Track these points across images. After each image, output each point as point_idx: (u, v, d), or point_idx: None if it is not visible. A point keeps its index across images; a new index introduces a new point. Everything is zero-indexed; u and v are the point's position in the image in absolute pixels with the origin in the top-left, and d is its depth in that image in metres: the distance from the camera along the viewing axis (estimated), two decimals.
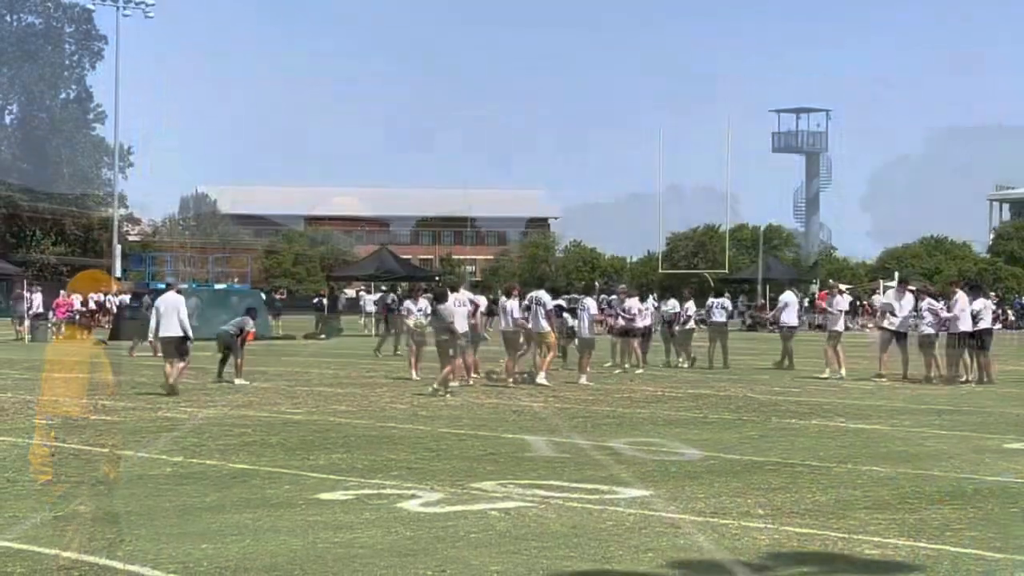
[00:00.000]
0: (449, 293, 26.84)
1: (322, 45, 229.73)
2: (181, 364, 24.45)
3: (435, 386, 23.86)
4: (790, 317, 33.61)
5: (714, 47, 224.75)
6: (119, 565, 9.38)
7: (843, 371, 29.42)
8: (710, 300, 35.84)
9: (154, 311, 25.34)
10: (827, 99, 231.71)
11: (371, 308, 62.79)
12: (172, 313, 24.56)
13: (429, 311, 27.16)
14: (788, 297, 34.38)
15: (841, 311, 31.55)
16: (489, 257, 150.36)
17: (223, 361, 27.59)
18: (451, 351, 24.26)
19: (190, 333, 24.79)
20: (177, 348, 24.46)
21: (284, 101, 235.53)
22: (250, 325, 27.96)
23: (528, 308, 27.57)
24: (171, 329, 24.48)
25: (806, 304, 33.23)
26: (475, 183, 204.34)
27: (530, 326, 27.33)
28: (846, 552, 10.00)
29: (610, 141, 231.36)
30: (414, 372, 27.97)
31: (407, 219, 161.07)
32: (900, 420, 20.05)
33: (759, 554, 9.88)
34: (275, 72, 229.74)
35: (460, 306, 26.62)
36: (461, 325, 26.40)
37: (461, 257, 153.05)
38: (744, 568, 9.40)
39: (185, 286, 50.55)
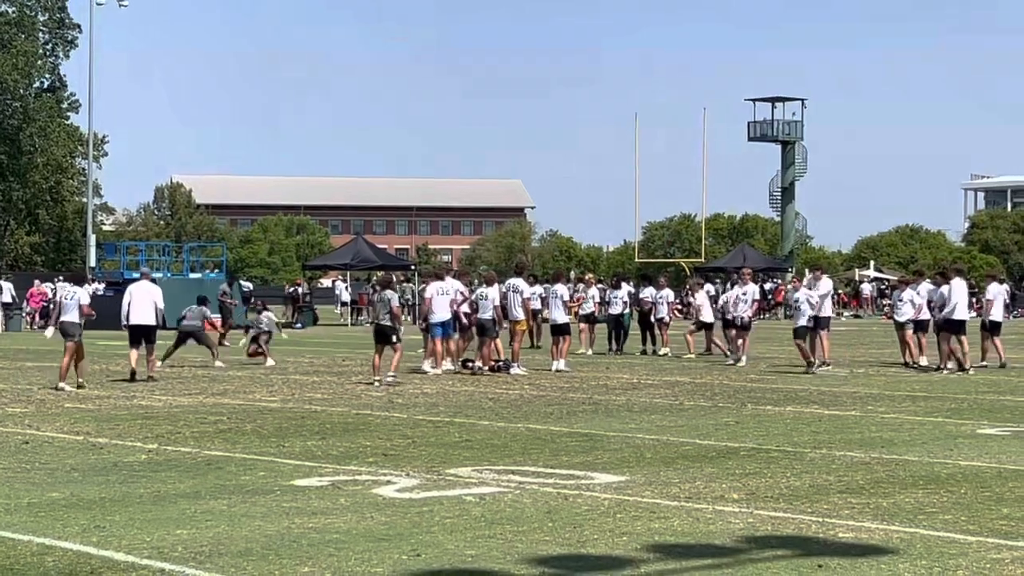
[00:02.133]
0: (435, 282, 26.93)
1: (297, 31, 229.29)
2: (151, 353, 24.57)
3: (381, 377, 23.55)
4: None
5: (689, 35, 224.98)
6: (93, 551, 9.35)
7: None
8: (734, 291, 34.66)
9: (126, 297, 25.36)
10: (802, 88, 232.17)
11: (346, 297, 62.87)
12: (146, 301, 24.55)
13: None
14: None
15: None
16: (465, 246, 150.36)
17: (176, 347, 28.36)
18: (394, 337, 24.07)
19: (165, 322, 24.80)
20: (147, 336, 24.49)
21: (259, 89, 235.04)
22: (208, 314, 29.01)
23: (504, 296, 27.55)
24: (144, 317, 24.47)
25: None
26: (451, 172, 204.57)
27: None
28: (820, 536, 10.04)
29: (584, 130, 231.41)
30: (427, 363, 27.07)
31: (382, 208, 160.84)
32: (875, 406, 20.12)
33: (734, 538, 9.91)
34: (250, 60, 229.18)
35: (443, 295, 26.55)
36: (443, 314, 26.38)
37: (437, 246, 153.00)
38: (719, 552, 9.42)
39: (159, 275, 50.49)
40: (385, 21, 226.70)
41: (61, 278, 56.95)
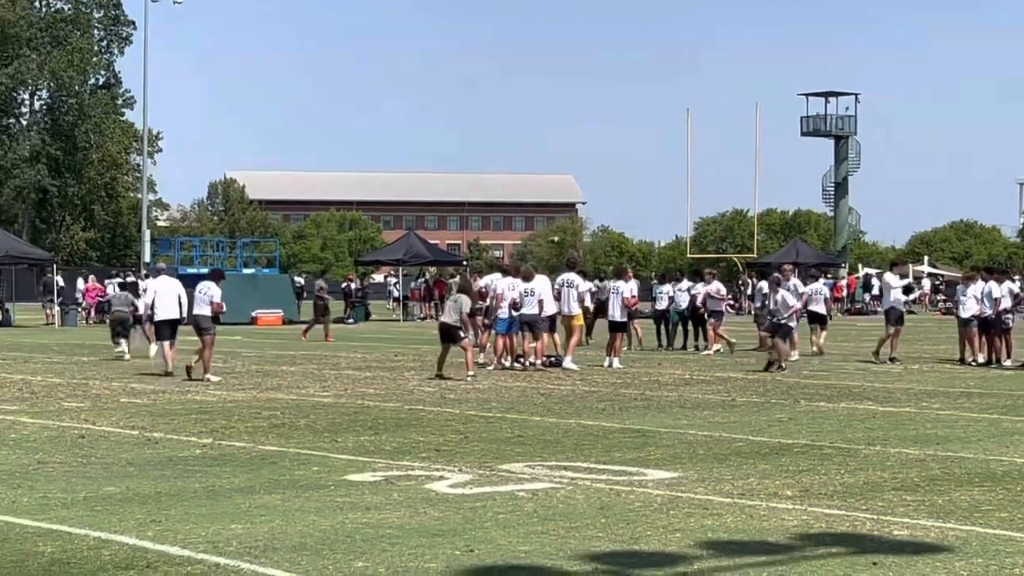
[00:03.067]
0: (504, 277, 26.81)
1: (352, 28, 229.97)
2: (172, 347, 24.99)
3: (473, 372, 23.73)
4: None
5: (742, 29, 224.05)
6: (149, 545, 9.42)
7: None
8: (815, 286, 34.25)
9: (149, 293, 26.04)
10: (856, 83, 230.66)
11: (397, 293, 62.99)
12: (171, 296, 25.12)
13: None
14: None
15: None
16: (517, 242, 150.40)
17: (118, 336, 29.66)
18: (460, 334, 24.03)
19: (185, 315, 25.29)
20: (172, 330, 25.00)
21: (312, 85, 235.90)
22: (134, 300, 30.25)
23: (559, 291, 27.43)
24: (170, 312, 25.00)
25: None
26: (503, 167, 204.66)
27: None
28: (875, 533, 9.99)
29: (637, 126, 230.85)
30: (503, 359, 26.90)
31: (434, 204, 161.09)
32: (929, 403, 19.99)
33: (787, 535, 9.87)
34: (302, 56, 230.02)
35: (512, 291, 26.34)
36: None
37: (488, 242, 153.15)
38: (772, 548, 9.39)
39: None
40: (439, 15, 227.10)
41: (117, 273, 57.46)
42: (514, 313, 26.22)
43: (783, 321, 26.44)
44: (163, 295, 25.17)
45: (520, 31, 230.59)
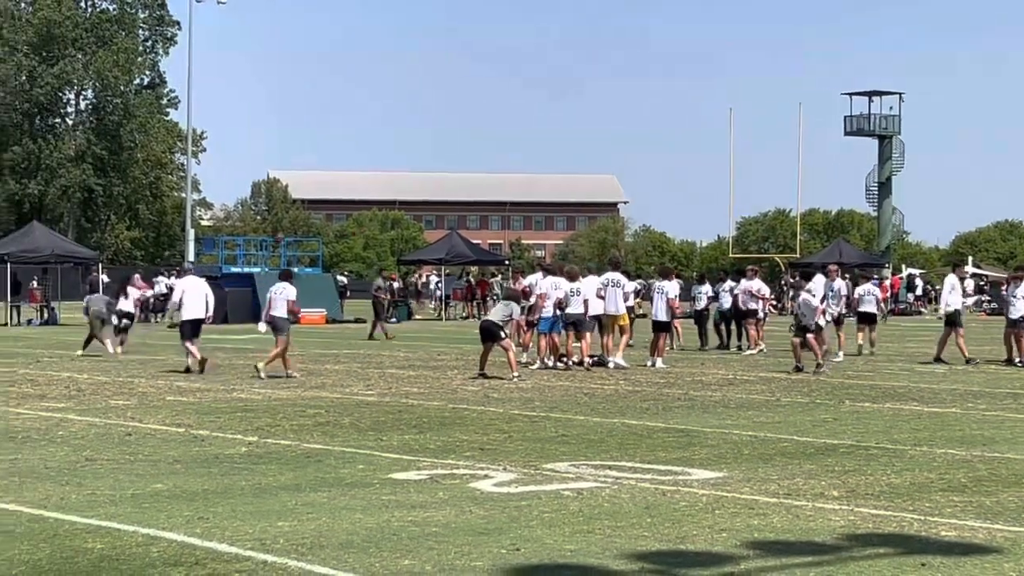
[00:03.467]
0: (547, 276, 26.77)
1: (389, 26, 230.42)
2: (196, 345, 25.39)
3: (517, 372, 23.76)
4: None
5: (784, 28, 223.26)
6: (197, 542, 9.47)
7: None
8: (866, 286, 34.11)
9: (177, 292, 26.59)
10: (900, 82, 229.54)
11: (439, 292, 63.15)
12: (199, 295, 25.69)
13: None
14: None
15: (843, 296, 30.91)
16: (558, 241, 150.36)
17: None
18: (501, 334, 24.06)
19: (210, 315, 26.14)
20: (197, 328, 25.56)
21: (354, 85, 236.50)
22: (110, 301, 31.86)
23: (604, 290, 27.36)
24: (197, 312, 25.54)
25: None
26: (545, 167, 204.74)
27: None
28: (922, 534, 9.94)
29: (679, 125, 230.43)
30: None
31: (475, 204, 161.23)
32: (975, 403, 19.88)
33: (834, 535, 9.84)
34: (344, 56, 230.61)
35: (556, 290, 26.28)
36: (552, 308, 26.15)
37: (530, 242, 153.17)
38: (819, 549, 9.36)
39: (257, 270, 51.12)
40: (479, 18, 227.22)
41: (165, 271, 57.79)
42: (558, 312, 26.21)
43: (809, 323, 26.22)
44: (191, 294, 25.70)
45: (562, 31, 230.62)
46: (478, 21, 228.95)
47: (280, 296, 24.31)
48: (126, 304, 32.15)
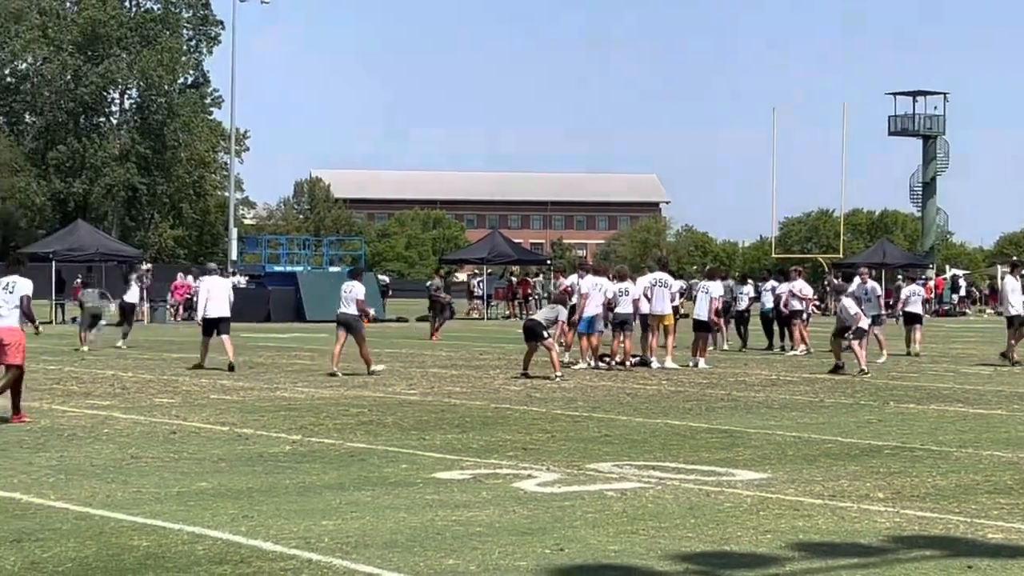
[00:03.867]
0: (589, 276, 26.76)
1: (433, 27, 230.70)
2: (225, 338, 25.87)
3: (558, 372, 23.75)
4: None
5: (828, 27, 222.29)
6: (242, 540, 9.51)
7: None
8: (912, 287, 34.01)
9: (202, 292, 27.18)
10: (945, 82, 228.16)
11: (480, 291, 63.22)
12: (222, 295, 26.28)
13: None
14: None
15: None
16: (600, 241, 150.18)
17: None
18: (545, 334, 24.11)
19: (229, 313, 26.51)
20: (220, 327, 26.00)
21: (397, 85, 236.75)
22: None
23: (651, 290, 27.27)
24: (221, 310, 26.10)
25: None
26: (586, 167, 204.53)
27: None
28: (969, 536, 9.88)
29: (721, 125, 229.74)
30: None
31: (517, 203, 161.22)
32: (1021, 405, 19.74)
33: (880, 537, 9.79)
34: (388, 55, 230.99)
35: (599, 291, 26.21)
36: (594, 308, 25.95)
37: (572, 241, 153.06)
38: (865, 551, 9.32)
39: (300, 268, 51.42)
40: (521, 16, 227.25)
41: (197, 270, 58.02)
42: (608, 313, 26.22)
43: (851, 326, 25.98)
44: (215, 293, 26.30)
45: (604, 30, 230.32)
46: (520, 21, 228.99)
47: (350, 295, 24.51)
48: (131, 295, 33.85)
